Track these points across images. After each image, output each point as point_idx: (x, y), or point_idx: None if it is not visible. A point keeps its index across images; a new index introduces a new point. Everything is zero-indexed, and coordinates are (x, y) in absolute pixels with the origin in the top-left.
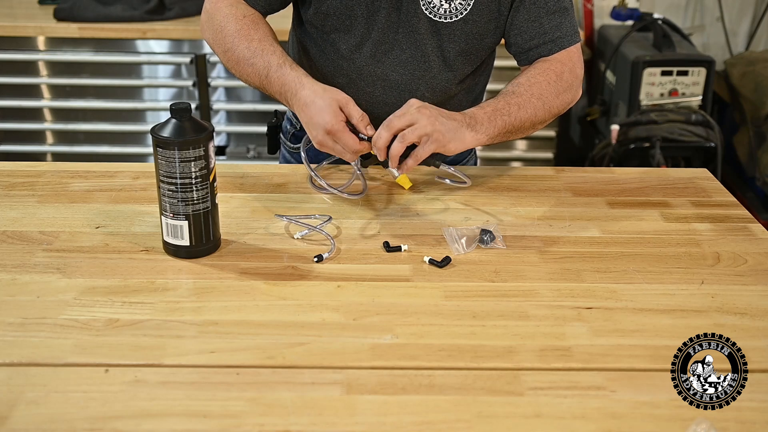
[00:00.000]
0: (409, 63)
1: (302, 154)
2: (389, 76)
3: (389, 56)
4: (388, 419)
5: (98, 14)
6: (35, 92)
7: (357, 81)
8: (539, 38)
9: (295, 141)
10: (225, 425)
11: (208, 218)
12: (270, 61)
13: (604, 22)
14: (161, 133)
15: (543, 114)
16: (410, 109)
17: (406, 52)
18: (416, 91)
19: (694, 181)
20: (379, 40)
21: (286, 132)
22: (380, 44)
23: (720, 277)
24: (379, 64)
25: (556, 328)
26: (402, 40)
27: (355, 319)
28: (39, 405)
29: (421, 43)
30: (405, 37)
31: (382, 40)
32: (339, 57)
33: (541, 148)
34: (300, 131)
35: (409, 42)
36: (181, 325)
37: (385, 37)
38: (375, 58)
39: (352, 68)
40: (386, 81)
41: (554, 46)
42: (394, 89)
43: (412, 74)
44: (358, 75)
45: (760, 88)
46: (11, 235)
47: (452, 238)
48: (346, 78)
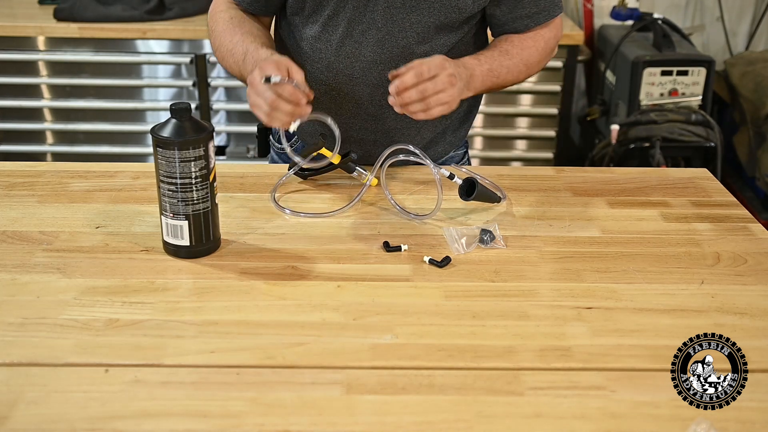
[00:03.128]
0: (387, 41)
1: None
2: (367, 56)
3: (366, 36)
4: (388, 419)
5: (98, 14)
6: (35, 92)
7: (335, 63)
8: (531, 7)
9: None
10: (225, 425)
11: (208, 218)
12: (248, 48)
13: (604, 22)
14: (161, 133)
15: (523, 78)
16: (442, 74)
17: (383, 29)
18: (396, 67)
19: (694, 181)
20: (354, 20)
21: (275, 133)
22: (356, 24)
23: (720, 277)
24: (356, 44)
25: (556, 328)
26: (378, 19)
27: (355, 319)
28: (39, 405)
29: (398, 18)
30: (381, 15)
31: (358, 19)
32: (316, 40)
33: (541, 148)
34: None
35: (384, 19)
36: (181, 325)
37: (360, 17)
38: (352, 38)
39: (329, 50)
40: (364, 61)
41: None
42: (372, 68)
43: (391, 52)
44: (336, 57)
45: (760, 88)
46: (11, 235)
47: (452, 238)
48: (325, 61)
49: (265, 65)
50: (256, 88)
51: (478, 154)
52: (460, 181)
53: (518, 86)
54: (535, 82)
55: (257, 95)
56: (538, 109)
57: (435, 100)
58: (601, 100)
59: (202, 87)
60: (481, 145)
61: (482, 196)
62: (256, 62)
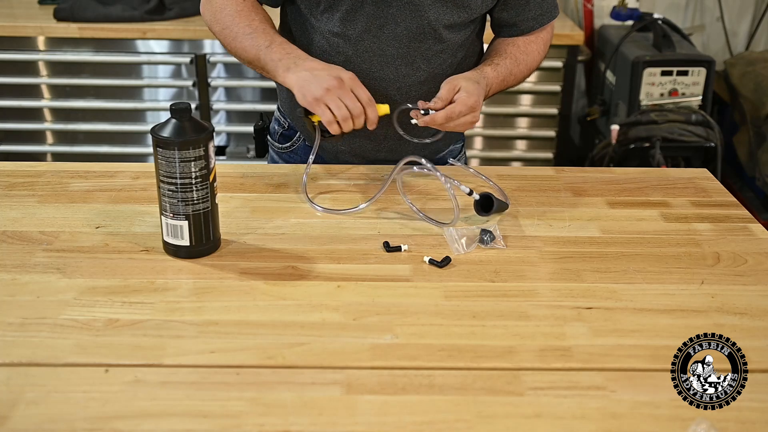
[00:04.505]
0: (404, 36)
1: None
2: (385, 51)
3: (384, 30)
4: (388, 419)
5: (98, 14)
6: (35, 92)
7: (353, 58)
8: (537, 9)
9: (283, 141)
10: (225, 425)
11: (208, 218)
12: (274, 38)
13: (604, 22)
14: (161, 133)
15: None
16: (478, 100)
17: (401, 25)
18: (413, 63)
19: (694, 181)
20: (373, 14)
21: (274, 133)
22: (374, 18)
23: (720, 277)
24: (374, 39)
25: (556, 328)
26: (396, 14)
27: (355, 319)
28: (39, 405)
29: (416, 15)
30: (399, 11)
31: (376, 14)
32: (334, 35)
33: (541, 148)
34: (288, 131)
35: (403, 15)
36: (181, 325)
37: (378, 12)
38: (370, 32)
39: (347, 45)
40: (382, 56)
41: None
42: (390, 64)
43: (408, 47)
44: (355, 51)
45: (760, 88)
46: (11, 235)
47: (452, 238)
48: (342, 56)
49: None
50: (346, 93)
51: (478, 154)
52: (477, 196)
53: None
54: (535, 82)
55: (343, 98)
56: (538, 109)
57: (459, 122)
58: (601, 100)
59: (202, 87)
60: (481, 145)
61: (498, 210)
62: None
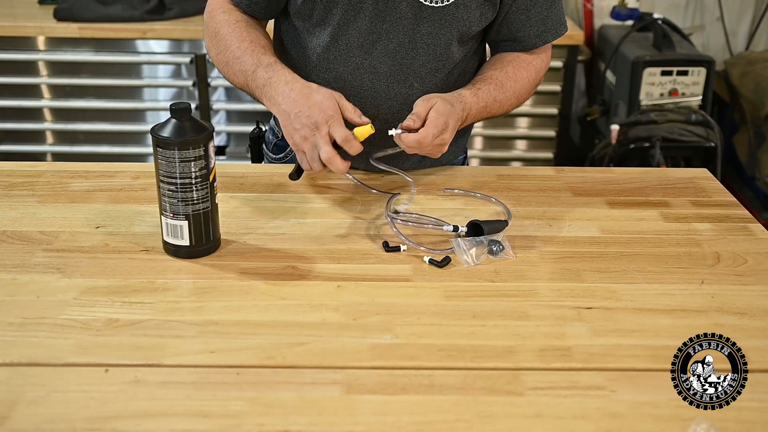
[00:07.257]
0: (397, 53)
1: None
2: (377, 68)
3: (376, 47)
4: (388, 419)
5: (98, 14)
6: (35, 92)
7: (344, 74)
8: (539, 26)
9: (278, 151)
10: (225, 425)
11: (208, 218)
12: (260, 59)
13: (604, 22)
14: (161, 133)
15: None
16: (448, 121)
17: (394, 41)
18: (405, 81)
19: (694, 181)
20: (366, 29)
21: (269, 142)
22: (367, 33)
23: (720, 277)
24: (366, 56)
25: (556, 328)
26: (389, 29)
27: (355, 319)
28: (39, 405)
29: (410, 30)
30: (392, 26)
31: (369, 29)
32: (325, 50)
33: (541, 148)
34: (282, 141)
35: (396, 31)
36: (181, 325)
37: (372, 27)
38: (362, 48)
39: (338, 60)
40: (374, 73)
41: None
42: (382, 80)
43: (401, 64)
44: (345, 68)
45: (760, 88)
46: (11, 235)
47: (461, 249)
48: (333, 72)
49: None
50: (321, 139)
51: (478, 154)
52: (465, 228)
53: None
54: None
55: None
56: (538, 109)
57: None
58: (601, 100)
59: (202, 87)
60: (481, 145)
61: (492, 231)
62: (271, 78)
